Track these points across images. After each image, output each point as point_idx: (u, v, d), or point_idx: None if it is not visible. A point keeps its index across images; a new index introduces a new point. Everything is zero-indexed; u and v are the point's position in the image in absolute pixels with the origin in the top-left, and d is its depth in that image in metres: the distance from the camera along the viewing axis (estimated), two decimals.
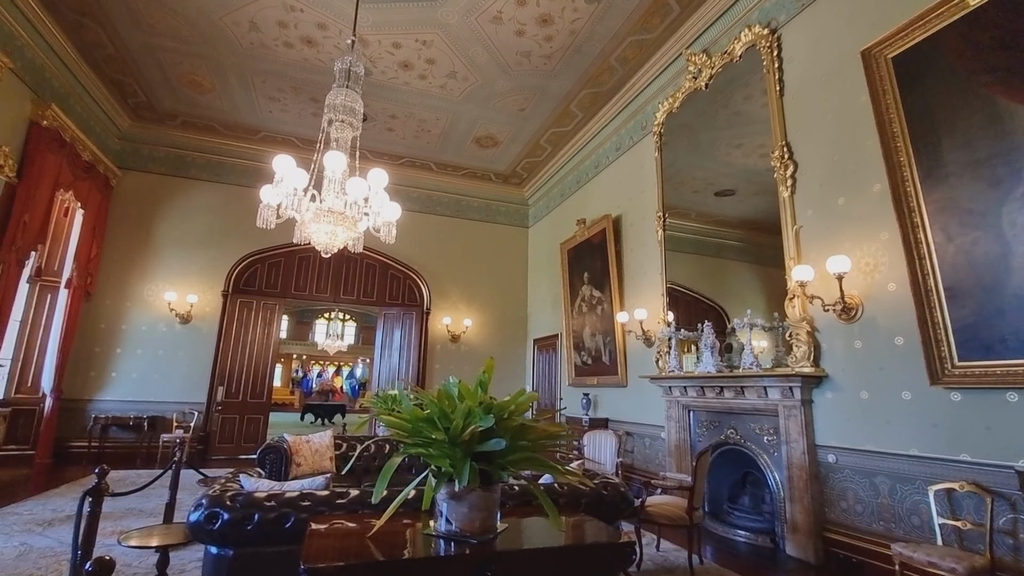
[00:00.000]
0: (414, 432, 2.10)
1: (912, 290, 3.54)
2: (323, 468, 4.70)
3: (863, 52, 3.92)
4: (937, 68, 3.48)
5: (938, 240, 3.44)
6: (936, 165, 3.47)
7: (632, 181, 7.46)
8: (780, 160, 4.84)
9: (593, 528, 2.29)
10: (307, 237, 4.07)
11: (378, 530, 2.07)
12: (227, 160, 9.41)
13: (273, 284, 9.44)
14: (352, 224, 3.94)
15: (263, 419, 8.96)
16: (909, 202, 3.60)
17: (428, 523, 2.27)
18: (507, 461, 2.01)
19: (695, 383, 5.51)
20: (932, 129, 3.50)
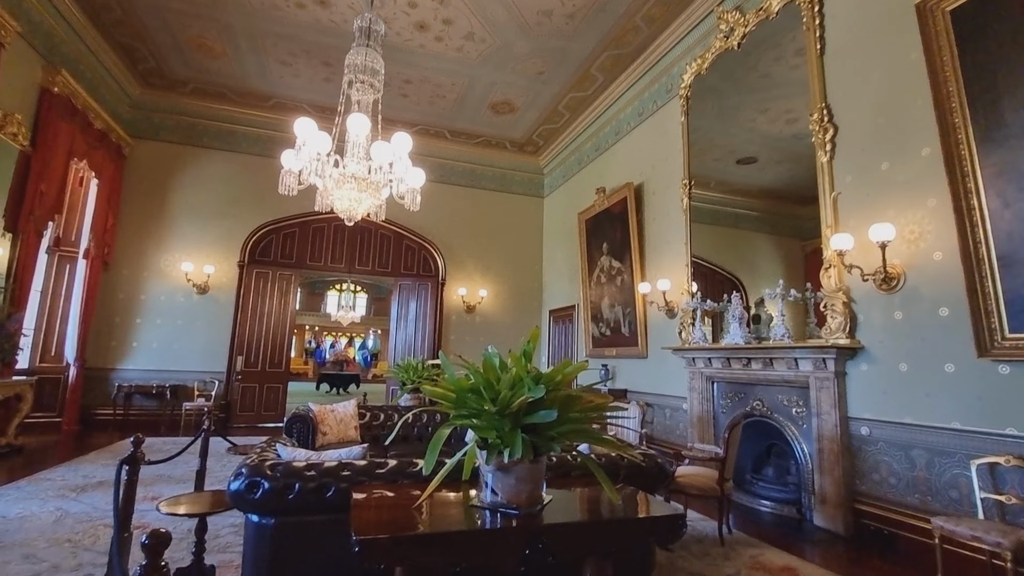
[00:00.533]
0: (459, 403, 2.03)
1: (962, 259, 3.38)
2: (348, 437, 4.72)
3: (917, 5, 3.66)
4: (1000, 22, 3.23)
5: (993, 206, 3.27)
6: (995, 127, 3.26)
7: (655, 148, 7.22)
8: (819, 123, 4.62)
9: (640, 499, 2.24)
10: (329, 204, 3.96)
11: (423, 501, 2.04)
12: (239, 128, 9.24)
13: (288, 255, 9.39)
14: (376, 190, 3.82)
15: (282, 388, 9.05)
16: (963, 166, 3.41)
17: (469, 493, 2.24)
18: (556, 432, 1.95)
19: (721, 354, 5.42)
20: (992, 88, 3.28)
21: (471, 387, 2.01)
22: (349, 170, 3.73)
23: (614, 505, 2.18)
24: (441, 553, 1.70)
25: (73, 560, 2.96)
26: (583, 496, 2.35)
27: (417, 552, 1.67)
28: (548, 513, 2.03)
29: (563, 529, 1.89)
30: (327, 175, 3.65)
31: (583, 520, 1.96)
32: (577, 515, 2.09)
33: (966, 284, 3.36)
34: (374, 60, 3.95)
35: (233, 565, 2.97)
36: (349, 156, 3.80)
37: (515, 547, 1.80)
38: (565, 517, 2.03)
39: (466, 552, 1.74)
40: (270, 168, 9.16)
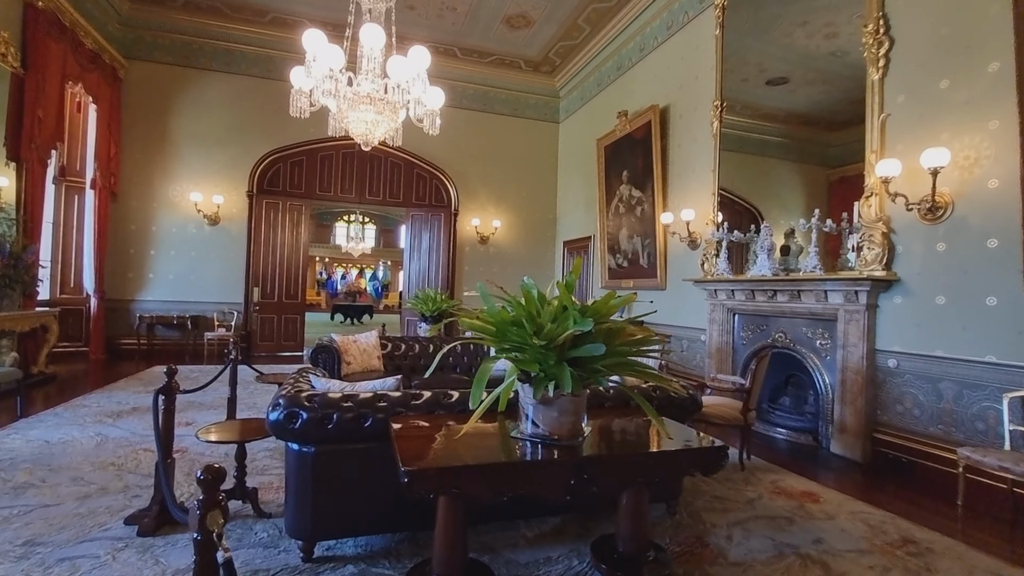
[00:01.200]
0: (500, 336, 1.96)
1: (1022, 187, 3.16)
2: (371, 367, 4.77)
3: None
4: None
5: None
6: None
7: (684, 66, 6.72)
8: (873, 35, 4.20)
9: (679, 431, 2.23)
10: (343, 127, 3.72)
11: (464, 432, 2.03)
12: (236, 47, 8.68)
13: (297, 184, 9.15)
14: (393, 112, 3.57)
15: (300, 319, 9.16)
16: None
17: (505, 424, 2.23)
18: (602, 365, 1.89)
19: (745, 286, 5.32)
20: None
21: (513, 320, 1.93)
22: (364, 89, 3.46)
23: (654, 436, 2.17)
24: (489, 483, 1.69)
25: (119, 482, 3.07)
26: (620, 427, 2.34)
27: (466, 482, 1.67)
28: (591, 444, 2.02)
29: (609, 461, 1.88)
30: (341, 95, 3.39)
31: (629, 452, 1.95)
32: (617, 446, 2.08)
33: (1022, 212, 3.16)
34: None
35: (273, 487, 3.07)
36: (363, 74, 3.51)
37: (561, 478, 1.79)
38: (607, 449, 2.02)
39: (514, 482, 1.73)
40: (273, 91, 8.74)
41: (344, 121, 3.62)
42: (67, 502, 2.80)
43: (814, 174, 5.80)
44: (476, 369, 5.11)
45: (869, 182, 4.19)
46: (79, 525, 2.55)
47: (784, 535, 2.77)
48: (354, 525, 2.31)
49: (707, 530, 2.78)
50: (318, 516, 2.22)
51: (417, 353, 5.15)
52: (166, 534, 2.47)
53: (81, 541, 2.39)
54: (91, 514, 2.67)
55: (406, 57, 3.33)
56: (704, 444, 2.00)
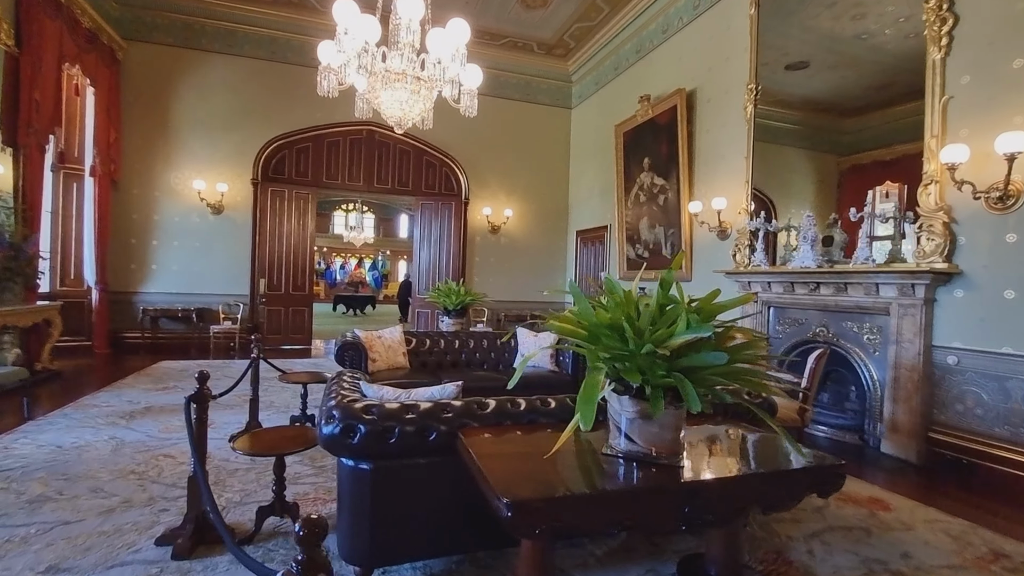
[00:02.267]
0: (593, 340, 1.73)
1: None
2: (397, 363, 4.54)
3: None
4: None
5: None
6: None
7: (713, 47, 6.43)
8: (936, 11, 3.94)
9: (779, 445, 2.01)
10: (372, 108, 3.44)
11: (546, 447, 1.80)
12: (240, 28, 8.30)
13: (303, 172, 8.83)
14: (429, 91, 3.30)
15: (307, 311, 8.90)
16: None
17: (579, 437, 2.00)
18: (717, 375, 1.66)
19: (784, 278, 5.11)
20: None
21: (611, 322, 1.70)
22: (398, 65, 3.17)
23: (762, 452, 1.95)
24: (600, 515, 1.47)
25: (143, 494, 2.84)
26: (713, 441, 2.12)
27: (573, 514, 1.44)
28: (697, 464, 1.80)
29: (726, 484, 1.66)
30: (375, 71, 3.10)
31: (746, 474, 1.73)
32: (727, 466, 1.85)
33: None
34: None
35: (310, 498, 2.85)
36: (399, 48, 3.22)
37: (675, 505, 1.57)
38: (716, 469, 1.80)
39: (623, 512, 1.51)
40: (278, 74, 8.41)
41: (376, 101, 3.34)
42: (89, 518, 2.56)
43: (825, 162, 5.61)
44: (503, 365, 4.89)
45: (928, 169, 3.96)
46: (106, 546, 2.31)
47: (867, 548, 2.57)
48: (416, 548, 2.09)
49: (785, 544, 2.58)
50: (378, 539, 2.00)
51: (443, 348, 4.91)
52: (202, 556, 2.25)
53: (111, 566, 2.16)
54: (117, 532, 2.43)
55: (444, 29, 3.05)
56: (827, 462, 1.79)
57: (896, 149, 5.06)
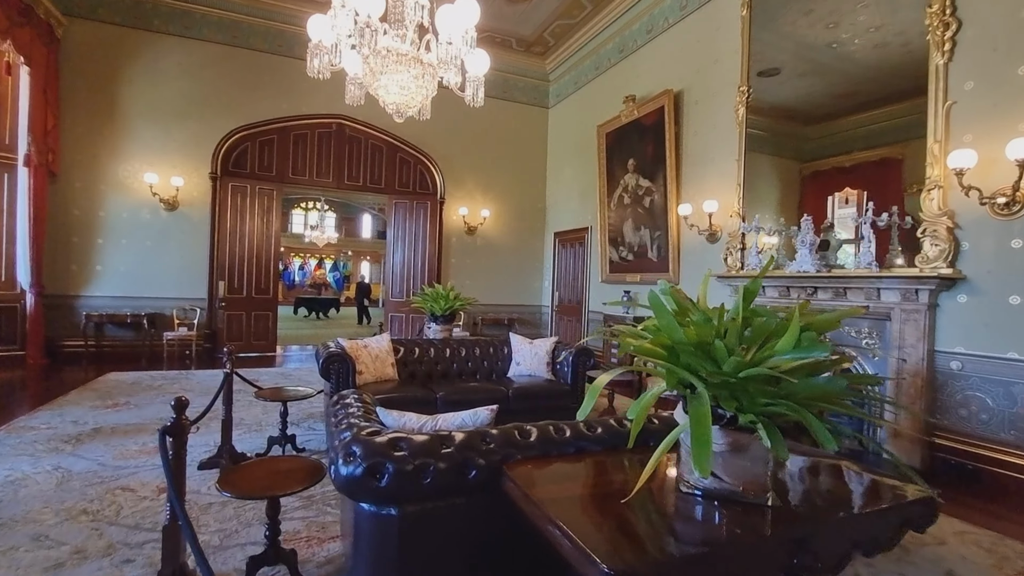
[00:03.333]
0: (676, 360, 1.48)
1: None
2: (386, 375, 4.18)
3: None
4: None
5: None
6: None
7: (701, 48, 6.36)
8: (939, 16, 3.93)
9: (864, 477, 1.83)
10: (373, 92, 3.08)
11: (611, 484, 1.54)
12: (197, 9, 7.66)
13: (267, 166, 8.24)
14: (432, 76, 2.98)
15: (271, 316, 8.30)
16: None
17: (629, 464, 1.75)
18: (822, 402, 1.44)
19: (780, 283, 5.05)
20: None
21: (698, 341, 1.45)
22: (403, 46, 2.84)
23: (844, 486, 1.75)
24: (708, 573, 1.22)
25: (99, 540, 2.39)
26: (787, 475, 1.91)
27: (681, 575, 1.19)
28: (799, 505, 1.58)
29: (841, 524, 1.45)
30: (375, 50, 2.75)
31: (860, 512, 1.52)
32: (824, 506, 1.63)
33: None
34: None
35: (302, 537, 2.48)
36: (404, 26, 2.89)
37: (779, 552, 1.34)
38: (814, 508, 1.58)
39: (729, 567, 1.27)
40: (240, 60, 7.82)
41: (374, 86, 2.98)
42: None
43: (787, 167, 5.68)
44: (497, 374, 4.59)
45: (932, 174, 3.95)
46: None
47: (911, 569, 2.45)
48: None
49: None
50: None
51: (433, 357, 4.58)
52: None
53: None
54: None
55: (454, 7, 2.75)
56: (919, 495, 1.60)
57: (855, 156, 5.16)
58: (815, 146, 5.50)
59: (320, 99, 8.41)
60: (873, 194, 4.72)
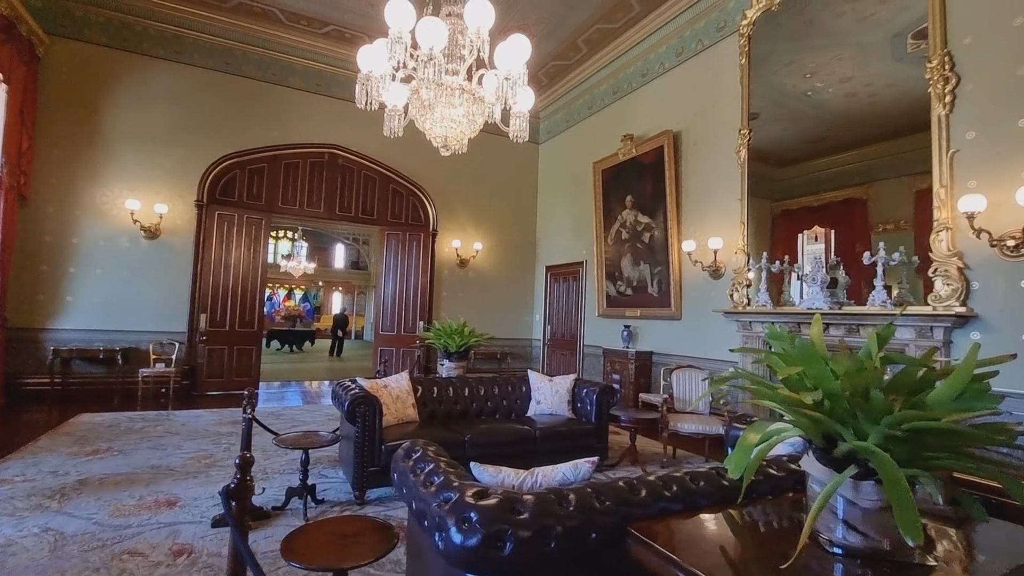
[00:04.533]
0: (833, 413, 1.40)
1: None
2: (407, 416, 3.96)
3: None
4: None
5: None
6: None
7: (699, 92, 6.62)
8: (939, 71, 4.21)
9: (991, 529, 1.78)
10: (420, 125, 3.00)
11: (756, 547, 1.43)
12: (189, 35, 7.47)
13: (256, 195, 7.97)
14: (482, 111, 2.93)
15: (255, 350, 7.87)
16: None
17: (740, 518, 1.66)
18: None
19: (790, 319, 5.14)
20: None
21: (852, 389, 1.39)
22: (456, 80, 2.79)
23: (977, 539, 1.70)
24: None
25: None
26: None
27: None
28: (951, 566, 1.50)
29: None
30: (433, 83, 2.68)
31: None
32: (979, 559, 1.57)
33: None
34: None
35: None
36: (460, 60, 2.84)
37: None
38: (972, 563, 1.51)
39: None
40: (232, 87, 7.64)
41: (422, 118, 2.90)
42: None
43: (760, 206, 5.93)
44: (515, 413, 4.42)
45: (940, 216, 4.14)
46: None
47: None
48: None
49: None
50: None
51: (452, 396, 4.38)
52: None
53: None
54: None
55: (510, 44, 2.73)
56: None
57: (823, 196, 5.45)
58: (786, 186, 5.76)
59: (313, 128, 8.28)
60: (840, 232, 5.11)
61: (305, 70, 8.26)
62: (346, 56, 8.41)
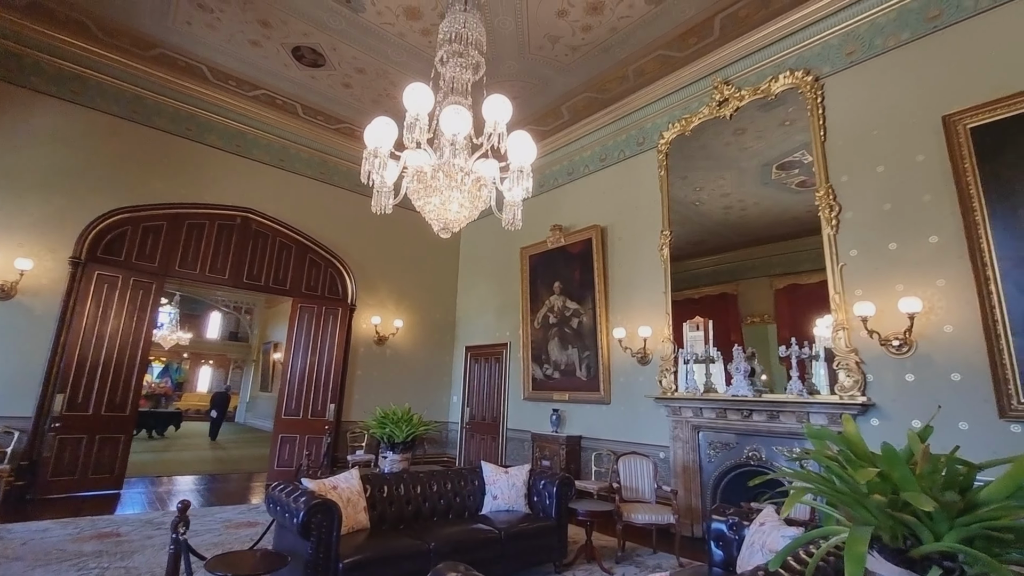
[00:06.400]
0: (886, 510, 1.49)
1: (984, 334, 4.01)
2: (358, 523, 3.47)
3: (944, 118, 4.37)
4: (1019, 145, 4.01)
5: (1010, 293, 3.94)
6: (1011, 228, 3.98)
7: (623, 194, 7.35)
8: (824, 200, 5.15)
9: None
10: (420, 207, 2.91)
11: None
12: (92, 76, 6.72)
13: (150, 256, 7.00)
14: (486, 199, 2.95)
15: (124, 439, 6.50)
16: (982, 257, 4.08)
17: None
18: None
19: (716, 405, 5.55)
20: (1008, 196, 4.02)
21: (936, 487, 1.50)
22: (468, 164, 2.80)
23: None
24: None
25: None
26: None
27: None
28: None
29: None
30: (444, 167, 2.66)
31: None
32: None
33: (989, 357, 3.97)
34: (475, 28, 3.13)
35: None
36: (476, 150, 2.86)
37: None
38: None
39: None
40: (135, 136, 6.97)
41: (425, 201, 2.84)
42: None
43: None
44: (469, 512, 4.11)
45: (837, 318, 4.89)
46: None
47: None
48: None
49: None
50: None
51: (403, 495, 3.95)
52: None
53: None
54: None
55: (521, 137, 2.85)
56: None
57: (702, 290, 6.34)
58: (673, 280, 6.48)
59: (226, 189, 7.67)
60: (717, 323, 6.02)
61: (226, 130, 7.76)
62: (274, 121, 8.11)
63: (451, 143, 2.51)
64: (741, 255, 6.33)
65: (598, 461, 6.66)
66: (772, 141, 5.85)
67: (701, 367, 5.88)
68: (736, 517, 3.02)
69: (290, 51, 6.62)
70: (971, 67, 4.44)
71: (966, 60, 4.48)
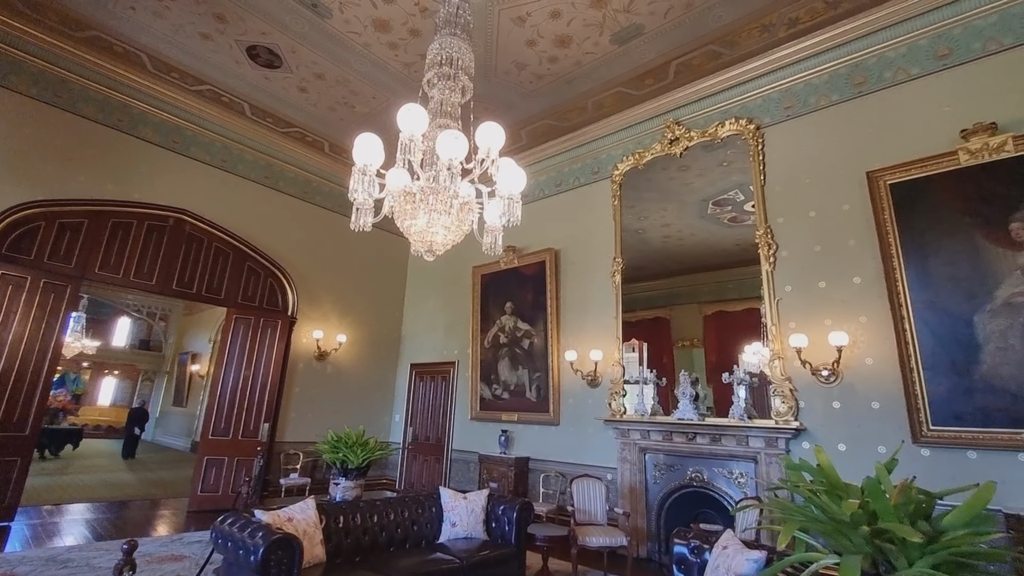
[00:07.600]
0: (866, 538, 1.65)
1: (900, 367, 4.50)
2: (315, 557, 3.27)
3: (867, 173, 4.92)
4: (930, 200, 4.59)
5: (922, 331, 4.47)
6: (923, 273, 4.53)
7: (577, 219, 7.58)
8: (763, 239, 5.61)
9: None
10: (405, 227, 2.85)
11: None
12: (10, 52, 6.04)
13: (66, 256, 6.31)
14: (464, 220, 2.94)
15: (19, 463, 5.72)
16: (898, 298, 4.60)
17: None
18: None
19: (663, 428, 5.78)
20: (922, 246, 4.58)
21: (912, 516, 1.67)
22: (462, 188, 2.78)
23: None
24: None
25: None
26: None
27: None
28: None
29: None
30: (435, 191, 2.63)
31: None
32: None
33: (903, 387, 4.46)
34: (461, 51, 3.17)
35: None
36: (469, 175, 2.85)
37: None
38: None
39: None
40: (61, 123, 6.38)
41: (409, 221, 2.78)
42: None
43: None
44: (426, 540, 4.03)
45: (774, 348, 5.29)
46: None
47: None
48: None
49: None
50: None
51: (359, 524, 3.76)
52: None
53: None
54: None
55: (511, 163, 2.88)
56: None
57: (638, 314, 6.74)
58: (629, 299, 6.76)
59: (160, 188, 7.11)
60: (651, 345, 6.43)
61: (162, 124, 7.21)
62: (218, 119, 7.65)
63: (448, 168, 2.49)
64: (676, 281, 6.73)
65: (546, 483, 6.70)
66: (711, 179, 6.32)
67: (649, 388, 6.13)
68: (698, 541, 3.15)
69: (244, 49, 6.31)
70: (890, 130, 5.04)
71: (886, 123, 5.09)
